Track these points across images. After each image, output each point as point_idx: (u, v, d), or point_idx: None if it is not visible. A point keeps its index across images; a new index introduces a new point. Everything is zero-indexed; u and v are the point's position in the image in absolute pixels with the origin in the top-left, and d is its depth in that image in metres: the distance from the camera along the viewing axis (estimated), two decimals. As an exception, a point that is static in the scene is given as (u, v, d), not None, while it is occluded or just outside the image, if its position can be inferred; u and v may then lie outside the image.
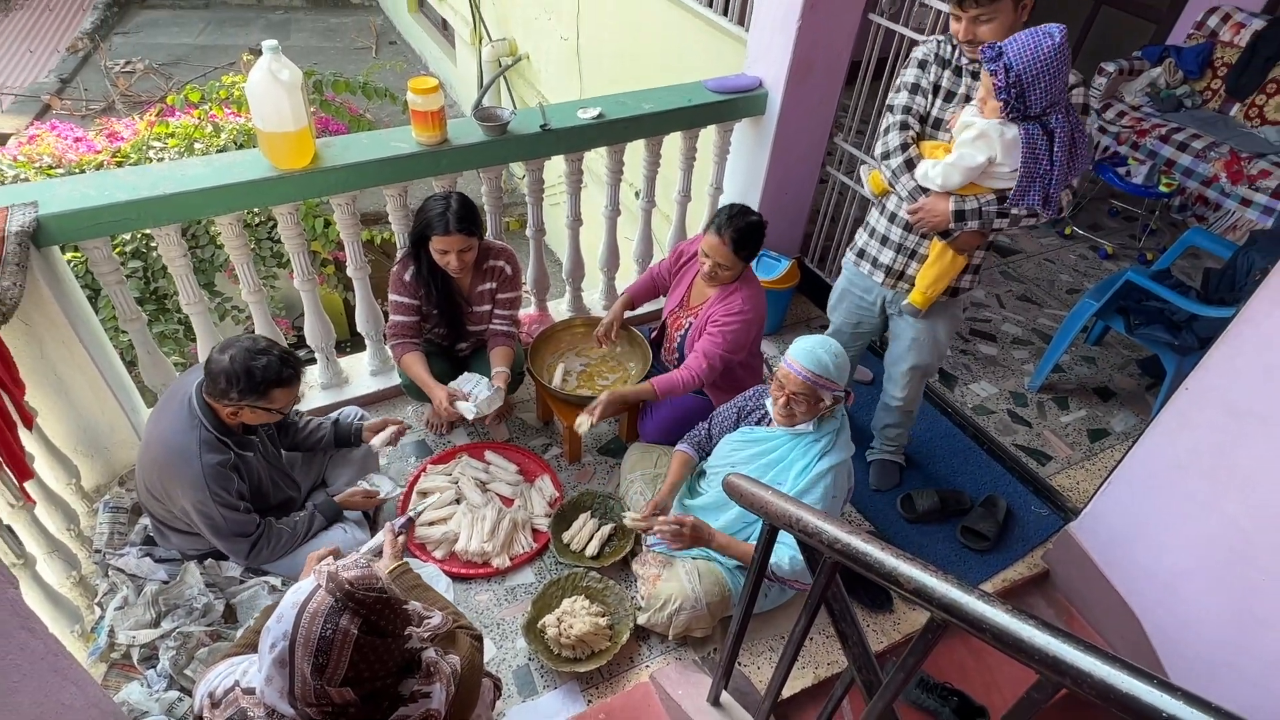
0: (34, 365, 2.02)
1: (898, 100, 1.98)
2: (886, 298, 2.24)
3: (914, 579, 0.91)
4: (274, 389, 1.80)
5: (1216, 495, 1.89)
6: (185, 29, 9.18)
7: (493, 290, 2.42)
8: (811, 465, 1.85)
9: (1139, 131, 4.23)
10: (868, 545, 0.98)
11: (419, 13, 8.77)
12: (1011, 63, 1.64)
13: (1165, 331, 2.69)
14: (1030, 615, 0.81)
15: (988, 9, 1.74)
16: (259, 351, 1.79)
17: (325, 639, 1.10)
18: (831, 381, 1.80)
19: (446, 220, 2.14)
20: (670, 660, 2.05)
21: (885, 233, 2.13)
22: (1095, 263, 3.93)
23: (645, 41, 4.09)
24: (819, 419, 1.88)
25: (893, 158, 1.96)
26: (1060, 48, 1.62)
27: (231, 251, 2.28)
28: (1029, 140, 1.72)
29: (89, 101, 7.43)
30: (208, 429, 1.84)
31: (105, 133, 5.16)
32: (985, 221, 1.90)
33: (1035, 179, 1.77)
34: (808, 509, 1.11)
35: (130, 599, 1.94)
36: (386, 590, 1.17)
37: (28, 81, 7.76)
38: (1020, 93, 1.66)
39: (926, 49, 1.96)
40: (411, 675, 1.24)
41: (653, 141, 2.80)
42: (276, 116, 2.02)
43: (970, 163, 1.81)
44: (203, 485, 1.81)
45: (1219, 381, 1.83)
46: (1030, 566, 2.42)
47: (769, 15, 2.71)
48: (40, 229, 1.89)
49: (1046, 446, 2.83)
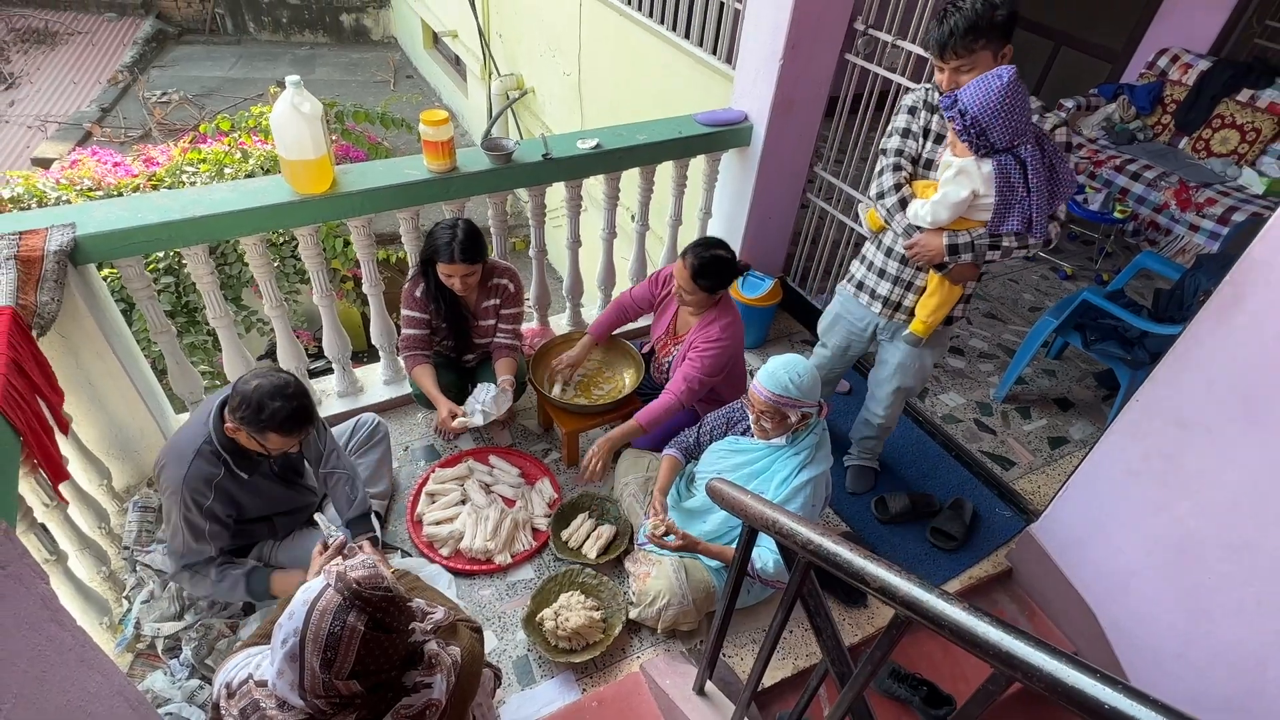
0: (70, 374, 2.02)
1: (890, 144, 1.99)
2: (879, 324, 2.22)
3: (879, 578, 0.91)
4: (270, 431, 1.71)
5: (1166, 498, 1.89)
6: (218, 63, 9.23)
7: (496, 306, 2.43)
8: (792, 477, 1.84)
9: (1096, 162, 4.27)
10: (838, 546, 0.98)
11: (434, 49, 8.82)
12: (966, 107, 1.66)
13: (1119, 347, 2.70)
14: (985, 613, 0.81)
15: (967, 59, 1.73)
16: (282, 395, 1.70)
17: (334, 635, 1.10)
18: (795, 400, 1.79)
19: (452, 250, 2.16)
20: (660, 652, 2.05)
21: (882, 266, 2.12)
22: (1056, 283, 3.95)
23: (641, 78, 4.12)
24: (793, 434, 1.88)
25: (887, 197, 1.96)
26: (1009, 86, 1.63)
27: (255, 270, 2.28)
28: (1001, 169, 1.73)
29: (127, 129, 7.46)
30: (211, 441, 1.77)
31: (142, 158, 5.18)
32: (978, 254, 1.88)
33: (1013, 205, 1.77)
34: (783, 512, 1.12)
35: (156, 593, 1.93)
36: (392, 589, 1.16)
37: (71, 110, 7.78)
38: (980, 132, 1.67)
39: (915, 96, 1.96)
40: (414, 667, 1.24)
41: (647, 170, 2.81)
42: (298, 145, 2.03)
43: (955, 198, 1.81)
44: (179, 489, 1.74)
45: (1166, 394, 1.84)
46: (995, 565, 2.41)
47: (754, 55, 2.73)
48: (78, 248, 1.89)
49: (1010, 453, 2.83)
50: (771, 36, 2.60)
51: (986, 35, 1.70)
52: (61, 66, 8.79)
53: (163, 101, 7.92)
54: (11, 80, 8.38)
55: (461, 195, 2.42)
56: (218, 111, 7.30)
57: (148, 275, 2.11)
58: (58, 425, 1.69)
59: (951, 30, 1.72)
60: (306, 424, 1.76)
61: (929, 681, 2.03)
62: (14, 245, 1.81)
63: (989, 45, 1.72)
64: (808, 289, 3.39)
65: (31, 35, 9.10)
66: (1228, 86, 4.13)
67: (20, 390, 1.52)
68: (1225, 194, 3.81)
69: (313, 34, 10.19)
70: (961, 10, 1.70)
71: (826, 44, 2.66)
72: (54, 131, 7.37)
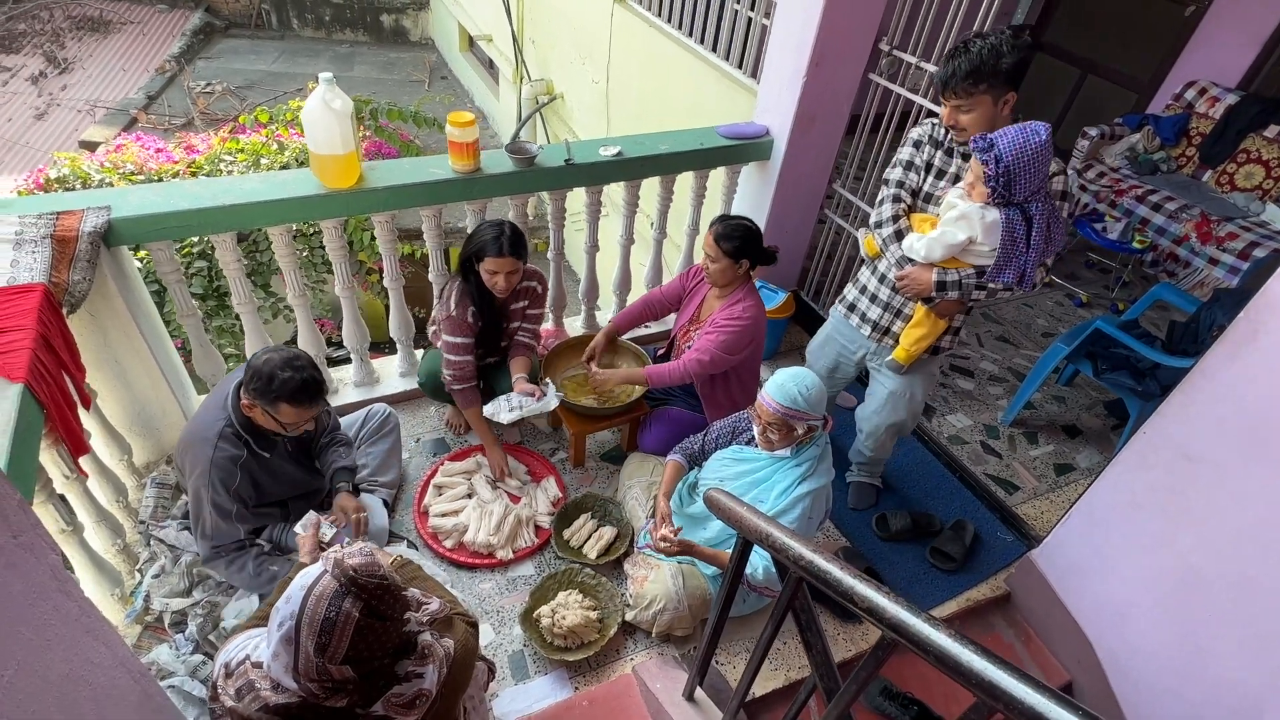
0: (97, 352, 2.05)
1: (893, 175, 2.00)
2: (869, 350, 2.22)
3: (868, 598, 0.89)
4: (282, 403, 1.74)
5: (1169, 532, 1.85)
6: (261, 56, 9.38)
7: (524, 308, 2.42)
8: (792, 488, 1.83)
9: (1117, 191, 4.19)
10: (829, 564, 0.96)
11: (469, 51, 8.90)
12: (1002, 154, 1.65)
13: (1130, 378, 2.65)
14: (970, 641, 0.79)
15: (966, 101, 1.75)
16: (291, 366, 1.74)
17: (329, 620, 1.10)
18: (802, 413, 1.78)
19: (500, 244, 2.13)
20: (653, 655, 2.03)
21: (875, 291, 2.13)
22: (1070, 310, 3.89)
23: (667, 88, 4.13)
24: (797, 446, 1.86)
25: (884, 227, 1.98)
26: (1046, 144, 1.64)
27: (280, 259, 2.31)
28: (1009, 225, 1.73)
29: (171, 117, 7.60)
30: (232, 423, 1.81)
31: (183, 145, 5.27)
32: (964, 293, 1.90)
33: (1012, 260, 1.78)
34: (777, 526, 1.10)
35: (167, 568, 1.96)
36: (388, 577, 1.17)
37: (120, 97, 7.94)
38: (1008, 182, 1.67)
39: (922, 130, 1.98)
40: (407, 656, 1.24)
41: (666, 179, 2.81)
42: (327, 140, 2.05)
43: (951, 240, 1.82)
44: (206, 472, 1.78)
45: (1175, 427, 1.80)
46: (993, 589, 2.37)
47: (778, 71, 2.72)
48: (111, 230, 1.92)
49: (1015, 477, 2.78)
50: (796, 53, 2.59)
51: (988, 80, 1.70)
52: (113, 54, 8.98)
53: (206, 92, 8.07)
54: (65, 65, 8.58)
55: (484, 196, 2.43)
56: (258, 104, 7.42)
57: (178, 259, 2.15)
58: (80, 400, 1.71)
59: (954, 71, 1.73)
60: (317, 395, 1.78)
61: (920, 701, 2.00)
62: (51, 225, 1.84)
63: (990, 91, 1.72)
64: (821, 304, 3.36)
65: (86, 23, 9.31)
66: (1255, 121, 4.04)
67: (47, 365, 1.55)
68: (1247, 229, 3.73)
69: (353, 32, 10.32)
70: (968, 53, 1.70)
71: (850, 63, 2.64)
72: (102, 116, 7.53)
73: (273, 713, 1.13)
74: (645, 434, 2.53)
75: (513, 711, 1.88)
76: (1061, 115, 5.49)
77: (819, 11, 2.43)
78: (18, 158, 7.26)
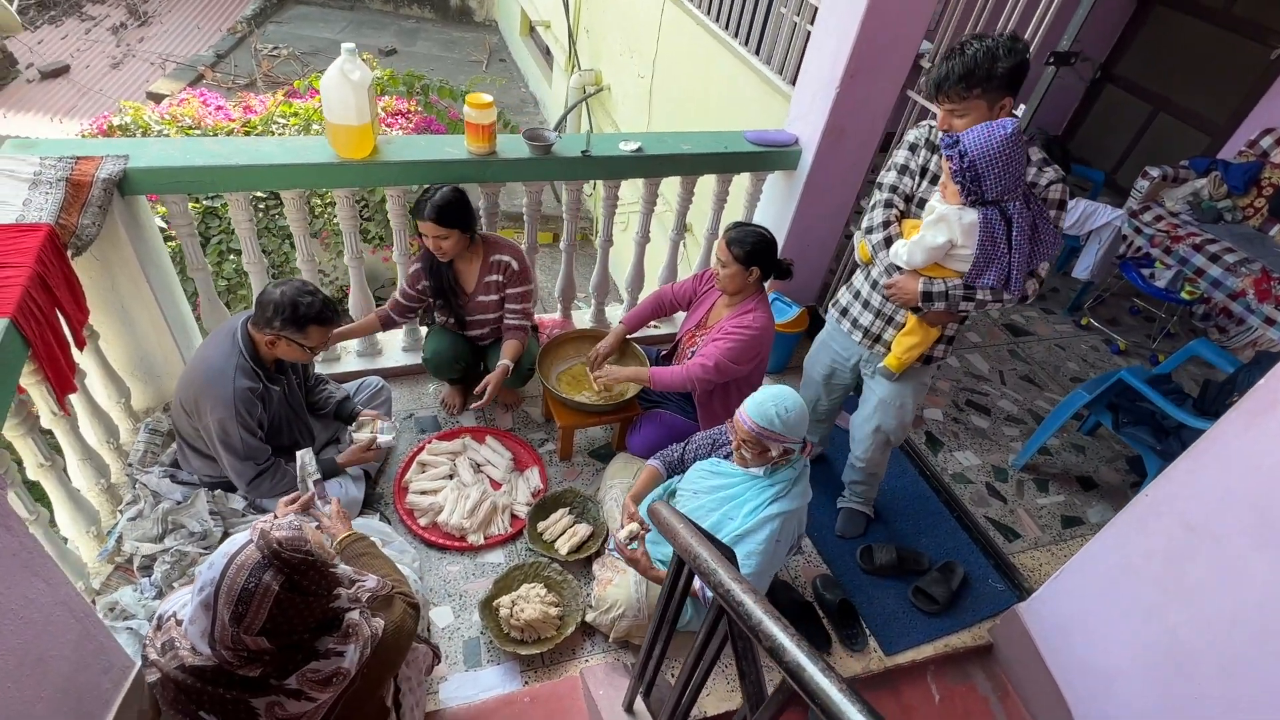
0: (105, 295, 2.11)
1: (886, 179, 1.94)
2: (862, 357, 2.17)
3: (773, 638, 0.84)
4: (311, 325, 1.89)
5: (1162, 603, 1.74)
6: (330, 25, 9.61)
7: (500, 283, 2.39)
8: (761, 508, 1.77)
9: (1173, 237, 3.98)
10: (744, 596, 0.92)
11: (529, 36, 8.96)
12: (966, 149, 1.60)
13: (1151, 434, 2.51)
14: (864, 702, 0.74)
15: (960, 105, 1.69)
16: (307, 292, 1.90)
17: (247, 590, 1.10)
18: (777, 435, 1.72)
19: (423, 206, 2.15)
20: (608, 659, 2.00)
21: (867, 297, 2.07)
22: (1105, 355, 3.71)
23: (707, 88, 4.08)
24: (772, 466, 1.81)
25: (874, 233, 1.92)
26: (1011, 139, 1.58)
27: (291, 224, 2.34)
28: (987, 224, 1.68)
29: (236, 77, 7.84)
30: (245, 358, 1.91)
31: (242, 105, 5.42)
32: (951, 303, 1.84)
33: (992, 260, 1.72)
34: (708, 548, 1.06)
35: (146, 512, 2.00)
36: (314, 553, 1.16)
37: (190, 53, 8.24)
38: (975, 177, 1.61)
39: (917, 133, 1.91)
40: (330, 633, 1.23)
41: (687, 180, 2.76)
42: (342, 110, 2.07)
43: (930, 244, 1.76)
44: (231, 404, 1.87)
45: (1179, 494, 1.69)
46: (975, 637, 2.27)
47: (812, 79, 2.65)
48: (126, 179, 1.97)
49: (1017, 524, 2.66)
50: (832, 63, 2.51)
51: (982, 85, 1.65)
52: (189, 11, 9.32)
53: (272, 55, 8.30)
54: (145, 19, 8.94)
55: (497, 179, 2.42)
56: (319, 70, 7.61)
57: (190, 213, 2.20)
58: (75, 341, 1.76)
59: (947, 74, 1.68)
60: (336, 313, 1.97)
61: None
62: (69, 168, 1.90)
63: (985, 95, 1.66)
64: (838, 322, 3.27)
65: (171, -22, 9.67)
66: (1334, 177, 3.79)
67: (39, 303, 1.59)
68: (1310, 290, 3.49)
69: (420, 9, 10.50)
70: (963, 55, 1.64)
71: (888, 77, 2.55)
72: (171, 70, 7.82)
73: (188, 673, 1.14)
74: (634, 435, 2.49)
75: (458, 697, 1.87)
76: (1126, 152, 5.25)
77: (858, 22, 2.35)
78: (92, 103, 7.60)
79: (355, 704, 1.27)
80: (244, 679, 1.14)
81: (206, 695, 1.13)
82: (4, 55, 7.73)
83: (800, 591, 2.26)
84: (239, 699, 1.14)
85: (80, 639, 1.37)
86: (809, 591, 2.30)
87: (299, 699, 1.17)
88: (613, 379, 2.40)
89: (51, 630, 1.27)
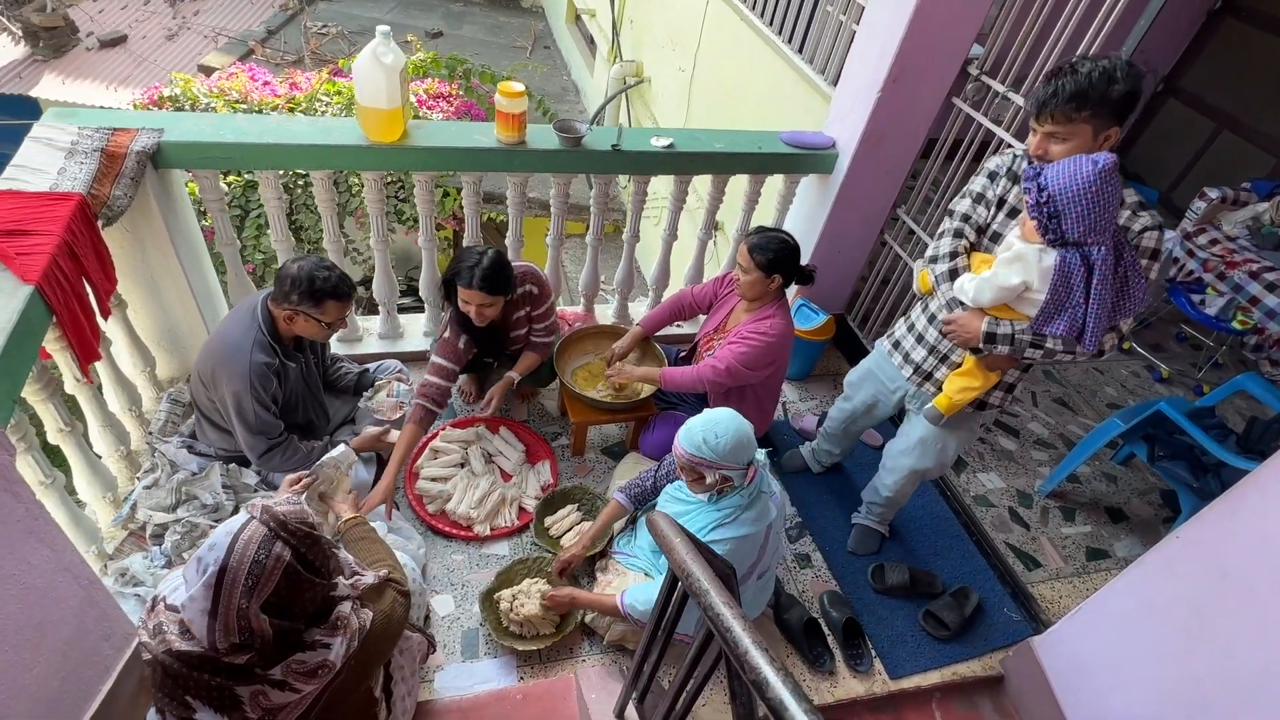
0: (135, 265, 2.15)
1: (959, 207, 1.80)
2: (909, 392, 2.06)
3: (758, 670, 0.81)
4: (328, 300, 1.90)
5: (1185, 650, 1.66)
6: (379, 5, 9.70)
7: (528, 314, 2.35)
8: (703, 532, 1.70)
9: (1228, 263, 3.78)
10: (734, 622, 0.88)
11: (574, 24, 8.93)
12: (1047, 183, 1.45)
13: (1187, 470, 2.39)
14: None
15: (1064, 128, 1.52)
16: (324, 268, 1.92)
17: (259, 563, 1.11)
18: (709, 462, 1.64)
19: (472, 275, 2.05)
20: (604, 662, 1.98)
21: (923, 331, 1.95)
22: (1147, 383, 3.56)
23: (747, 85, 4.00)
24: (716, 494, 1.74)
25: (940, 264, 1.79)
26: (1102, 174, 1.42)
27: (320, 204, 2.36)
28: (1063, 265, 1.51)
29: (285, 53, 7.96)
30: (263, 333, 1.94)
31: (289, 82, 5.50)
32: (1016, 349, 1.69)
33: (1065, 307, 1.55)
34: (703, 566, 1.03)
35: (161, 481, 2.04)
36: (316, 528, 1.17)
37: (242, 28, 8.39)
38: (1053, 214, 1.46)
39: (1000, 161, 1.76)
40: (319, 624, 1.23)
41: (719, 178, 2.71)
42: (372, 93, 2.07)
43: (1003, 282, 1.62)
44: (246, 377, 1.89)
45: (1214, 536, 1.61)
46: (986, 667, 2.20)
47: (853, 82, 2.57)
48: (160, 152, 2.00)
49: (1039, 552, 2.57)
50: (875, 66, 2.43)
51: (1093, 109, 1.49)
52: (245, -14, 9.48)
53: (321, 33, 8.41)
54: (202, -8, 9.12)
55: (525, 169, 2.41)
56: (365, 50, 7.69)
57: (221, 188, 2.22)
58: (100, 310, 1.79)
59: (1056, 91, 1.51)
60: (353, 289, 1.98)
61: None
62: (105, 139, 1.93)
63: (1093, 120, 1.50)
64: (867, 332, 3.19)
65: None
66: None
67: (66, 272, 1.62)
68: (1375, 327, 3.30)
69: (468, -8, 10.53)
70: (1076, 74, 1.48)
71: (933, 83, 2.46)
72: (223, 44, 7.98)
73: (175, 658, 1.14)
74: (648, 435, 2.47)
75: (453, 688, 1.87)
76: (1185, 170, 5.03)
77: (904, 24, 2.27)
78: (146, 73, 7.80)
79: (341, 695, 1.27)
80: (230, 667, 1.14)
81: (192, 681, 1.14)
82: (67, 23, 7.98)
83: (806, 606, 2.21)
84: (224, 686, 1.14)
85: (83, 605, 1.39)
86: (816, 607, 2.25)
87: (283, 689, 1.17)
88: (625, 378, 2.38)
89: (53, 596, 1.29)
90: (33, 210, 1.64)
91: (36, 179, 1.76)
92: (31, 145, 1.87)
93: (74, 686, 1.39)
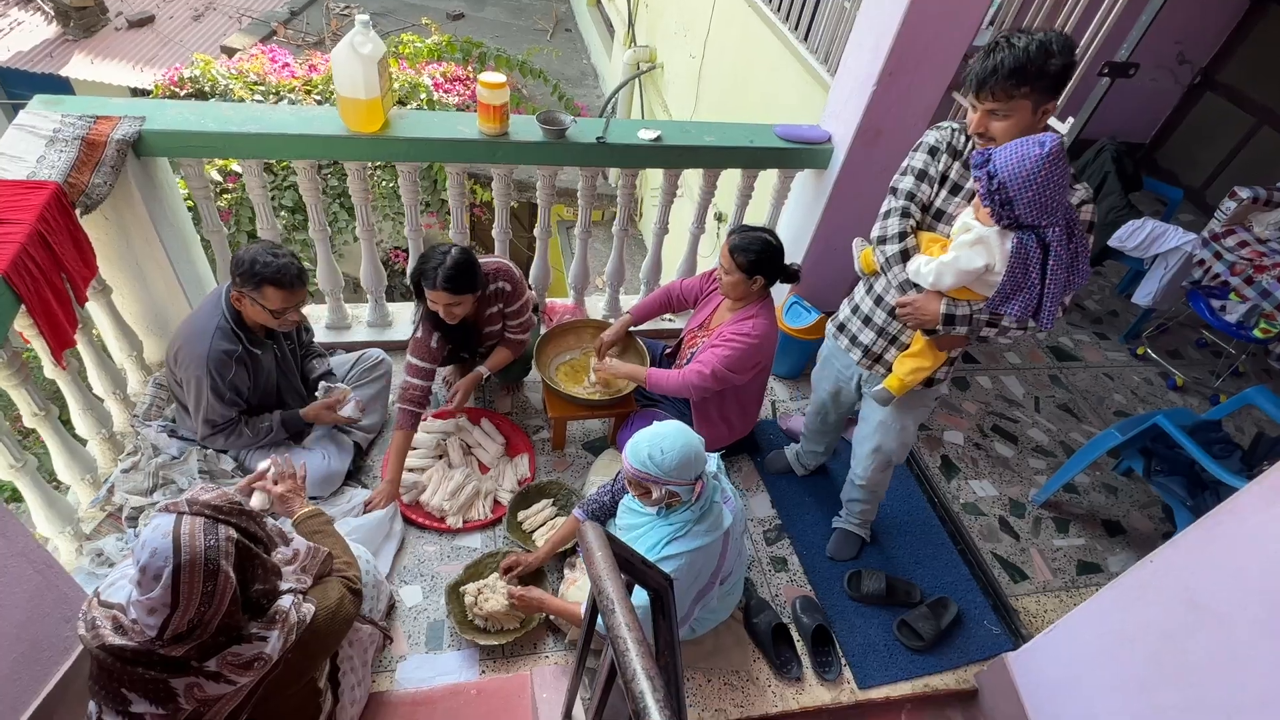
0: (120, 252, 2.19)
1: (902, 185, 1.76)
2: (862, 376, 2.04)
3: (640, 699, 0.80)
4: (267, 286, 1.86)
5: (1154, 681, 1.60)
6: (402, -14, 9.68)
7: (501, 310, 2.33)
8: (656, 548, 1.68)
9: (1257, 267, 3.61)
10: (630, 646, 0.87)
11: (595, 7, 8.83)
12: (996, 170, 1.44)
13: (1184, 487, 2.30)
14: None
15: (1004, 105, 1.50)
16: (270, 253, 1.88)
17: (212, 547, 1.13)
18: (654, 477, 1.61)
19: (435, 275, 2.03)
20: (564, 659, 1.99)
21: (869, 313, 1.93)
22: (1160, 390, 3.44)
23: (751, 77, 3.92)
24: (665, 507, 1.71)
25: (889, 245, 1.75)
26: (1049, 158, 1.40)
27: (304, 193, 2.37)
28: (1021, 248, 1.52)
29: (306, 35, 8.02)
30: (226, 319, 1.95)
31: (308, 64, 5.54)
32: (974, 328, 1.70)
33: (1020, 289, 1.56)
34: (617, 585, 1.01)
35: (141, 464, 2.09)
36: (243, 504, 1.20)
37: (265, 9, 8.46)
38: (1005, 200, 1.46)
39: (939, 135, 1.72)
40: (258, 618, 1.25)
41: (710, 172, 2.66)
42: (350, 83, 2.06)
43: (966, 266, 1.60)
44: (204, 363, 1.91)
45: (1185, 564, 1.55)
46: (960, 681, 2.16)
47: (850, 74, 2.49)
48: (141, 140, 2.02)
49: (1027, 564, 2.51)
50: (870, 58, 2.35)
51: (1032, 83, 1.46)
52: (271, -34, 9.53)
53: (343, 14, 8.44)
54: (229, -28, 9.19)
55: (508, 162, 2.39)
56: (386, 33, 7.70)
57: (206, 177, 2.24)
58: (76, 297, 1.83)
59: (995, 68, 1.48)
60: (298, 278, 1.91)
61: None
62: (87, 127, 1.96)
63: (1032, 95, 1.48)
64: (863, 331, 3.13)
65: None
66: None
67: (37, 260, 1.65)
68: (1407, 340, 3.13)
69: (492, -27, 10.46)
70: (1012, 49, 1.45)
71: (932, 77, 2.38)
72: (246, 25, 8.05)
73: (108, 652, 1.17)
74: (626, 431, 2.45)
75: (413, 679, 1.90)
76: (1220, 167, 4.82)
77: (900, 16, 2.19)
78: (172, 53, 7.92)
79: (279, 687, 1.29)
80: (165, 660, 1.16)
81: (127, 674, 1.16)
82: (97, 2, 8.13)
83: (777, 612, 2.19)
84: (158, 679, 1.16)
85: (39, 589, 1.44)
86: (788, 612, 2.23)
87: (218, 681, 1.19)
88: (611, 374, 2.37)
89: (4, 580, 1.33)
90: (6, 199, 1.67)
91: (15, 167, 1.80)
92: (15, 132, 1.91)
93: (28, 666, 1.44)
